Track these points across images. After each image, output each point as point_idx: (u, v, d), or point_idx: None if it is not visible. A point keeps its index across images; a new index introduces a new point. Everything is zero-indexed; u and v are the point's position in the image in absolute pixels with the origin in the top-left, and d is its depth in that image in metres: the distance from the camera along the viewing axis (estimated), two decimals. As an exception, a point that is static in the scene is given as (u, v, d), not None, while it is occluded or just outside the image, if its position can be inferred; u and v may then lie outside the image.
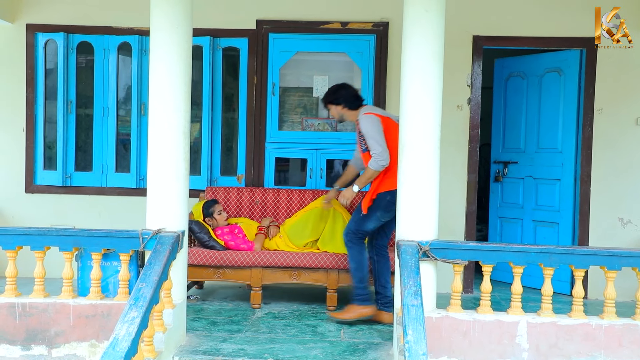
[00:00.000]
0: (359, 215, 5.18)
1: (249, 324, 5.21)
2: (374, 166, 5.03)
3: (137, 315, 3.60)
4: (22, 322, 4.41)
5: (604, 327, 4.26)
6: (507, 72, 7.06)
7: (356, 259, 5.23)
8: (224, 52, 6.64)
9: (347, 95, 5.31)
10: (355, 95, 5.35)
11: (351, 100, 5.30)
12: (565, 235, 6.53)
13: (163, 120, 4.48)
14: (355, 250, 5.22)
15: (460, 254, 4.32)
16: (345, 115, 5.36)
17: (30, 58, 6.65)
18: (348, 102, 5.30)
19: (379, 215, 5.12)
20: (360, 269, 5.22)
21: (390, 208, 5.01)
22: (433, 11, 4.29)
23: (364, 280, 5.22)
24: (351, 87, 5.41)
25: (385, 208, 5.08)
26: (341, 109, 5.34)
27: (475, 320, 4.30)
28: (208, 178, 6.60)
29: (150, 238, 4.31)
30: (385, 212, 5.10)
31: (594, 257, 4.33)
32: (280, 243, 5.78)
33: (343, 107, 5.32)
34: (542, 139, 6.74)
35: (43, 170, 6.71)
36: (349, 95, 5.32)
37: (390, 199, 4.99)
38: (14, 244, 4.47)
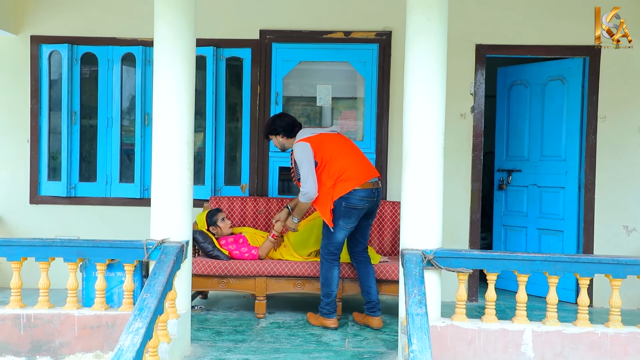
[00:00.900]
0: (326, 229, 5.26)
1: (254, 333, 5.20)
2: (302, 200, 5.25)
3: (142, 326, 3.59)
4: (27, 333, 4.40)
5: (610, 335, 4.25)
6: (510, 81, 7.06)
7: (324, 274, 5.34)
8: (228, 62, 6.65)
9: (284, 124, 5.44)
10: (292, 124, 5.46)
11: (288, 128, 5.43)
12: (570, 244, 6.50)
13: (167, 130, 4.50)
14: (325, 266, 5.33)
15: (465, 262, 4.31)
16: (286, 144, 5.50)
17: (35, 69, 6.67)
18: (286, 131, 5.44)
19: (342, 223, 5.18)
20: (327, 285, 5.34)
21: (349, 213, 5.14)
22: (436, 20, 4.30)
23: (329, 295, 5.33)
24: (287, 116, 5.55)
25: (344, 214, 5.15)
26: (281, 138, 5.48)
27: (480, 329, 4.29)
28: (212, 188, 6.59)
29: (154, 248, 4.32)
30: (346, 218, 5.16)
31: (598, 265, 4.31)
32: (284, 252, 5.78)
33: (282, 136, 5.47)
34: (545, 147, 6.73)
35: (47, 181, 6.71)
36: (285, 124, 5.44)
37: (345, 205, 5.11)
38: (18, 255, 4.46)
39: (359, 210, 5.14)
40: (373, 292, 5.37)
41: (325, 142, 5.23)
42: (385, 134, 6.49)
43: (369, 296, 5.38)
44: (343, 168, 5.12)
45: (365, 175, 5.17)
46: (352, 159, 5.22)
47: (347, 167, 5.13)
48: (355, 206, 5.11)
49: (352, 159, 5.22)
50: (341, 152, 5.20)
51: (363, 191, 5.12)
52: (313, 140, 5.22)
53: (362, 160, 5.30)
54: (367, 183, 5.14)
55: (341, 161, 5.15)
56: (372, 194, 5.17)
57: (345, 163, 5.15)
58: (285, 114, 5.62)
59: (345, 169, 5.12)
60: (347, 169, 5.12)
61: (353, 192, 5.09)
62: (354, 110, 6.78)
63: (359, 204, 5.11)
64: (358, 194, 5.10)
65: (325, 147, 5.20)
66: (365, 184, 5.13)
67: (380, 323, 5.39)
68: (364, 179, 5.14)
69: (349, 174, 5.11)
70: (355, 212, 5.14)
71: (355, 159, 5.24)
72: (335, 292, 5.34)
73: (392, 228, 6.20)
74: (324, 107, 6.74)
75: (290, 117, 5.54)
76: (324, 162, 5.16)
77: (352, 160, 5.21)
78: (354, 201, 5.10)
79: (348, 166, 5.14)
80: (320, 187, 5.17)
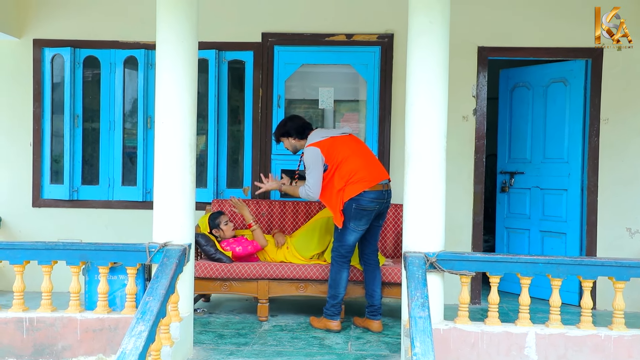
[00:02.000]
0: (337, 231, 5.27)
1: (256, 336, 5.20)
2: (302, 193, 5.31)
3: (145, 329, 3.59)
4: (30, 336, 4.40)
5: (613, 338, 4.23)
6: (513, 83, 7.06)
7: (333, 276, 5.35)
8: (230, 64, 6.66)
9: (296, 126, 5.47)
10: (303, 125, 5.49)
11: (300, 130, 5.46)
12: (573, 246, 6.49)
13: (169, 133, 4.50)
14: (335, 268, 5.33)
15: (468, 265, 4.30)
16: (297, 146, 5.52)
17: (37, 73, 6.67)
18: (298, 133, 5.46)
19: (353, 225, 5.18)
20: (334, 287, 5.34)
21: (359, 215, 5.15)
22: (438, 22, 4.31)
23: (336, 297, 5.33)
24: (298, 118, 5.58)
25: (355, 216, 5.16)
26: (293, 140, 5.50)
27: (483, 331, 4.28)
28: (214, 190, 6.59)
29: (157, 251, 4.31)
30: (356, 220, 5.17)
31: (602, 267, 4.30)
32: (287, 255, 5.78)
33: (294, 138, 5.48)
34: (548, 149, 6.73)
35: (50, 184, 6.71)
36: (297, 126, 5.47)
37: (356, 206, 5.12)
38: (21, 259, 4.46)
39: (369, 211, 5.15)
40: (377, 296, 5.38)
41: (337, 145, 5.24)
42: (387, 137, 6.49)
43: (372, 299, 5.39)
44: (354, 170, 5.13)
45: (375, 177, 5.18)
46: (363, 160, 5.23)
47: (358, 169, 5.14)
48: (365, 207, 5.11)
49: (363, 160, 5.23)
50: (352, 154, 5.21)
51: (373, 193, 5.13)
52: (324, 144, 5.23)
53: (373, 161, 5.31)
54: (377, 185, 5.15)
55: (352, 163, 5.16)
56: (382, 196, 5.18)
57: (356, 165, 5.16)
58: (296, 116, 5.63)
59: (356, 170, 5.13)
60: (357, 170, 5.13)
61: (363, 194, 5.10)
62: (356, 112, 6.79)
63: (369, 206, 5.12)
64: (368, 196, 5.11)
65: (336, 150, 5.21)
66: (376, 185, 5.14)
67: (380, 327, 5.39)
68: (375, 181, 5.15)
69: (359, 176, 5.12)
70: (366, 214, 5.15)
71: (366, 161, 5.25)
72: (343, 294, 5.34)
73: (394, 231, 6.20)
74: (326, 110, 6.74)
75: (302, 119, 5.57)
76: (336, 164, 5.17)
77: (363, 162, 5.22)
78: (364, 203, 5.10)
79: (359, 168, 5.15)
80: (331, 189, 5.19)
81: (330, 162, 5.19)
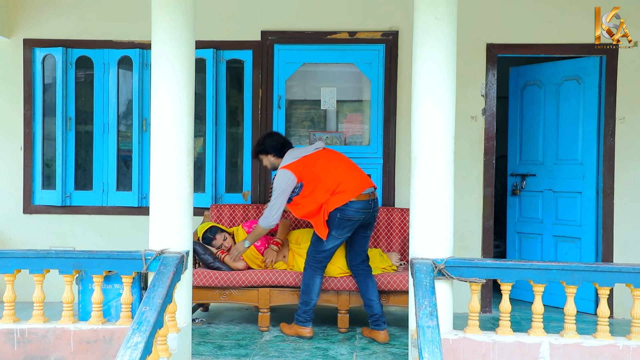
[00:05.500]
0: (315, 236, 5.25)
1: (257, 347, 5.12)
2: (262, 224, 5.33)
3: (141, 341, 3.54)
4: (21, 349, 4.34)
5: (632, 348, 4.13)
6: (523, 81, 7.00)
7: (306, 282, 5.33)
8: (228, 64, 6.61)
9: (274, 144, 5.47)
10: (283, 143, 5.49)
11: (278, 148, 5.46)
12: (588, 251, 6.41)
13: (165, 136, 4.45)
14: (308, 273, 5.31)
15: (478, 272, 4.23)
16: (276, 164, 5.49)
17: (28, 74, 6.60)
18: (276, 151, 5.46)
19: (335, 233, 5.16)
20: (307, 293, 5.31)
21: (343, 224, 5.13)
22: (445, 19, 4.26)
23: (308, 303, 5.30)
24: (277, 135, 5.61)
25: (338, 225, 5.13)
26: (272, 158, 5.50)
27: (495, 341, 4.20)
28: (213, 195, 6.53)
29: (153, 259, 4.27)
30: (339, 229, 5.14)
31: (619, 274, 4.21)
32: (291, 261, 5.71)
33: (273, 155, 5.48)
34: (561, 150, 6.66)
35: (41, 189, 6.64)
36: (275, 143, 5.47)
37: (340, 216, 5.11)
38: (12, 267, 4.40)
39: (353, 221, 5.13)
40: (375, 304, 5.30)
41: (311, 163, 5.23)
42: (392, 138, 6.43)
43: (371, 309, 5.32)
44: (336, 181, 5.13)
45: (360, 186, 5.15)
46: (344, 171, 5.23)
47: (341, 180, 5.14)
48: (350, 217, 5.10)
49: (344, 171, 5.23)
50: (331, 167, 5.22)
51: (359, 203, 5.11)
52: (297, 165, 5.21)
53: (355, 171, 5.30)
54: (362, 194, 5.13)
55: (333, 175, 5.16)
56: (368, 205, 5.16)
57: (338, 176, 5.16)
58: (275, 133, 5.69)
59: (339, 182, 5.13)
60: (341, 181, 5.13)
61: (349, 204, 5.08)
62: (360, 113, 6.73)
63: (354, 216, 5.10)
64: (354, 206, 5.09)
65: (313, 167, 5.21)
66: (361, 195, 5.12)
67: (387, 337, 5.29)
68: (359, 190, 5.13)
69: (344, 186, 5.11)
70: (350, 224, 5.13)
71: (347, 171, 5.24)
72: (315, 301, 5.31)
73: (400, 236, 6.13)
74: (328, 111, 6.70)
75: (281, 136, 5.61)
76: (315, 180, 5.16)
77: (345, 173, 5.21)
78: (350, 213, 5.09)
79: (342, 179, 5.14)
80: (314, 203, 5.15)
81: (307, 179, 5.19)
